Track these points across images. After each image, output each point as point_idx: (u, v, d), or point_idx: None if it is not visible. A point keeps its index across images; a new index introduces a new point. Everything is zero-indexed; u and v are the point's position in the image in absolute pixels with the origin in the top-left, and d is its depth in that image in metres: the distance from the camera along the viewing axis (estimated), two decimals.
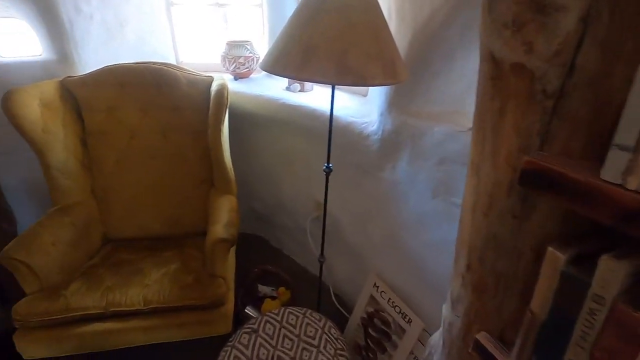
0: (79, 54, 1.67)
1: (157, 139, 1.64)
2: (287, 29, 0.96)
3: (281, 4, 1.90)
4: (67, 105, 1.52)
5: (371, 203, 1.49)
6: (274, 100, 1.70)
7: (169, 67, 1.60)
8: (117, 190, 1.63)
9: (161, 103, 1.61)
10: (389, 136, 1.30)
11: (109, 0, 1.72)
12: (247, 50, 1.93)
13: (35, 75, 1.63)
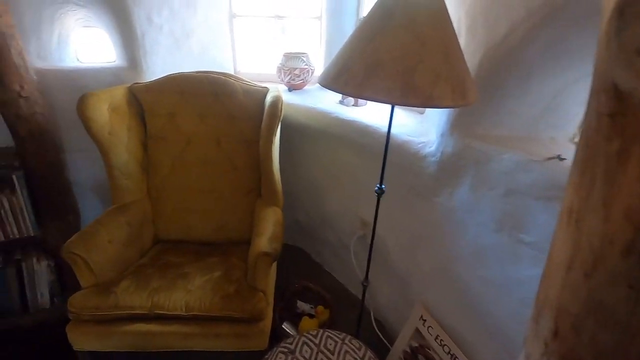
0: (147, 62, 1.77)
1: (211, 146, 1.68)
2: (350, 44, 0.92)
3: (340, 17, 1.88)
4: (133, 109, 1.61)
5: (422, 228, 1.40)
6: (326, 113, 1.67)
7: (227, 77, 1.64)
8: (170, 193, 1.69)
9: (217, 111, 1.65)
10: (449, 159, 1.21)
11: (178, 12, 1.81)
12: (303, 62, 1.93)
13: (107, 80, 1.75)
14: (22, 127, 1.52)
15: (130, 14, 1.63)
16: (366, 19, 0.92)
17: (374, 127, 1.50)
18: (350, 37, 0.95)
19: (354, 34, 0.93)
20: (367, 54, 0.85)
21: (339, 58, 0.93)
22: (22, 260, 1.69)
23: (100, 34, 1.88)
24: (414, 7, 0.84)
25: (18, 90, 1.45)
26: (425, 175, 1.33)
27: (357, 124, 1.56)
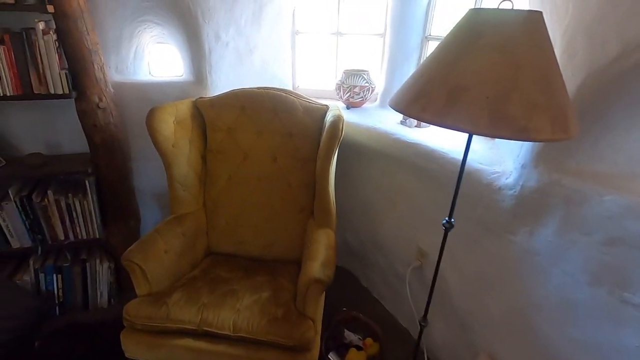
0: (212, 77, 1.82)
1: (267, 162, 1.67)
2: (428, 65, 0.84)
3: (405, 34, 1.80)
4: (195, 123, 1.65)
5: (491, 268, 1.25)
6: (387, 134, 1.59)
7: (288, 94, 1.63)
8: (225, 206, 1.70)
9: (276, 128, 1.64)
10: (530, 195, 1.06)
11: (243, 29, 1.84)
12: (364, 80, 1.87)
13: (174, 94, 1.83)
14: (97, 136, 1.62)
15: (200, 32, 1.69)
16: (448, 38, 0.83)
17: (440, 152, 1.39)
18: (428, 58, 0.87)
19: (433, 54, 0.85)
20: (450, 77, 0.76)
21: (416, 80, 0.86)
22: (87, 260, 1.79)
23: (171, 49, 1.98)
24: (507, 25, 0.74)
25: (97, 102, 1.55)
26: (498, 209, 1.19)
27: (421, 148, 1.45)
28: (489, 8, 0.79)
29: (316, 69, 2.37)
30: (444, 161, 1.37)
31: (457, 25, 0.84)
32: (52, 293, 1.77)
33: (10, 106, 1.67)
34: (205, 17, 1.68)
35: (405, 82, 0.92)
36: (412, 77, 0.89)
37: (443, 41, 0.85)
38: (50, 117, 1.74)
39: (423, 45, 1.83)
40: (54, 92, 1.47)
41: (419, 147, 1.46)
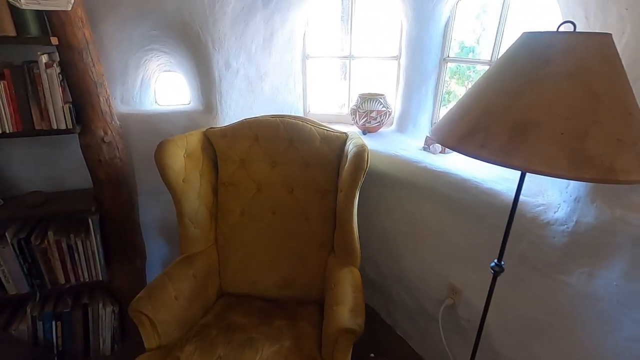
0: (221, 105, 1.74)
1: (283, 194, 1.56)
2: (482, 95, 0.75)
3: (422, 57, 1.73)
4: (206, 155, 1.55)
5: (540, 312, 1.12)
6: (412, 162, 1.49)
7: (304, 122, 1.54)
8: (238, 242, 1.58)
9: (291, 158, 1.54)
10: (588, 232, 0.95)
11: (254, 56, 1.78)
12: (380, 104, 1.79)
13: (183, 124, 1.74)
14: (102, 171, 1.52)
15: (210, 60, 1.62)
16: (503, 65, 0.74)
17: (473, 182, 1.29)
18: (479, 87, 0.77)
19: (485, 83, 0.76)
20: (514, 109, 0.67)
21: (466, 112, 0.76)
22: (89, 304, 1.65)
23: (178, 78, 1.91)
24: (577, 50, 0.65)
25: (102, 136, 1.46)
26: (547, 246, 1.07)
27: (451, 177, 1.35)
28: (550, 31, 0.70)
29: (328, 94, 2.30)
30: (478, 191, 1.27)
31: (512, 50, 0.75)
32: (51, 342, 1.62)
33: (9, 143, 1.57)
34: (215, 45, 1.61)
35: (449, 113, 0.83)
36: (459, 108, 0.80)
37: (495, 68, 0.76)
38: (51, 153, 1.64)
39: (441, 67, 1.76)
40: (56, 127, 1.37)
41: (449, 176, 1.36)
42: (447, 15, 1.66)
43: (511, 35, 1.52)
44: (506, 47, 0.78)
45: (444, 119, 0.84)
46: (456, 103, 0.85)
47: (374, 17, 2.03)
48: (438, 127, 0.84)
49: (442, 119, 0.85)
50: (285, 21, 1.79)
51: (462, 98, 0.82)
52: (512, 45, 0.76)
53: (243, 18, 1.64)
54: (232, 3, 1.57)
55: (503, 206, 1.19)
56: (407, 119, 1.85)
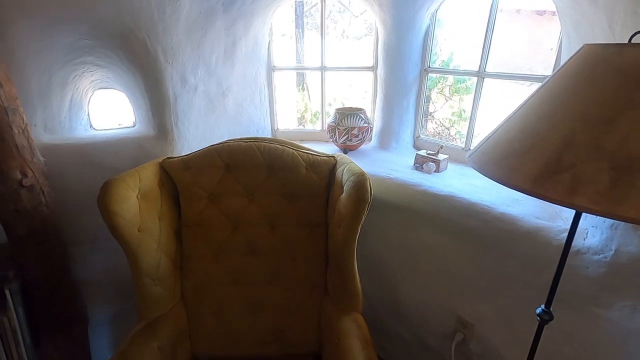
0: (178, 129, 1.45)
1: (263, 232, 1.32)
2: (553, 121, 0.60)
3: (402, 68, 1.61)
4: (165, 192, 1.26)
5: (571, 349, 1.02)
6: (409, 186, 1.33)
7: (284, 145, 1.31)
8: (210, 294, 1.30)
9: (272, 189, 1.30)
10: (631, 262, 0.86)
11: (214, 69, 1.52)
12: (362, 120, 1.63)
13: (130, 154, 1.42)
14: (22, 224, 1.15)
15: (162, 75, 1.33)
16: (574, 84, 0.60)
17: (482, 206, 1.17)
18: (541, 111, 0.62)
19: (552, 106, 0.61)
20: (610, 143, 0.52)
21: (534, 143, 0.60)
22: None
23: (118, 95, 1.58)
24: None
25: (19, 179, 1.10)
26: (578, 277, 0.97)
27: (456, 202, 1.22)
28: (632, 45, 0.57)
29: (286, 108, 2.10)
30: (489, 217, 1.14)
31: (580, 67, 0.61)
32: None
33: None
34: (168, 57, 1.33)
35: (499, 140, 0.67)
36: (516, 135, 0.64)
37: (563, 89, 0.62)
38: None
39: (422, 78, 1.65)
40: None
41: (454, 200, 1.23)
42: (427, 23, 1.55)
43: (499, 46, 1.45)
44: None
45: (492, 146, 0.68)
46: (504, 127, 0.69)
47: (344, 25, 1.89)
48: (485, 157, 0.68)
49: (487, 145, 0.70)
50: (249, 28, 1.56)
51: (516, 121, 0.67)
52: (575, 61, 0.63)
53: (201, 25, 1.38)
54: (187, 7, 1.31)
55: (520, 233, 1.08)
56: (389, 135, 1.71)
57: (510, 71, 1.44)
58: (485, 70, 1.43)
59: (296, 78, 3.65)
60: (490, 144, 0.69)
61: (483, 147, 0.71)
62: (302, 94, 3.65)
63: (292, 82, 3.03)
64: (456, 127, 4.00)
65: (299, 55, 3.49)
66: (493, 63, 1.45)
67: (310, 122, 3.79)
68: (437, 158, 1.44)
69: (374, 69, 1.75)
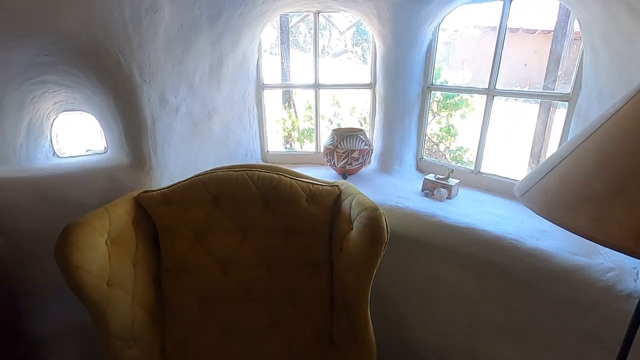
0: (157, 156, 1.26)
1: (258, 273, 1.14)
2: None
3: (404, 85, 1.49)
4: (141, 233, 1.07)
5: None
6: (423, 216, 1.19)
7: (280, 173, 1.15)
8: (196, 350, 1.10)
9: (268, 224, 1.14)
10: None
11: (198, 88, 1.35)
12: (362, 142, 1.49)
13: (99, 186, 1.22)
14: None
15: (138, 95, 1.16)
16: None
17: (508, 240, 1.04)
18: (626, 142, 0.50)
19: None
20: None
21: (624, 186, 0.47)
22: None
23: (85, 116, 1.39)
24: None
25: None
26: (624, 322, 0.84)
27: (478, 235, 1.08)
28: None
29: (278, 128, 1.95)
30: (517, 253, 1.01)
31: None
32: None
33: None
34: (145, 75, 1.16)
35: (571, 178, 0.54)
36: (596, 178, 0.51)
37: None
38: None
39: (425, 96, 1.54)
40: None
41: (475, 233, 1.09)
42: (429, 37, 1.45)
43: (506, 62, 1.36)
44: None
45: (558, 186, 0.55)
46: (567, 160, 0.56)
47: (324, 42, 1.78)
48: (550, 198, 0.54)
49: (547, 183, 0.56)
50: (237, 43, 1.41)
51: (587, 155, 0.54)
52: None
53: (182, 39, 1.22)
54: (167, 19, 1.15)
55: (556, 271, 0.95)
56: (391, 157, 1.58)
57: (504, 87, 1.35)
58: (496, 87, 1.33)
59: (282, 95, 3.52)
60: (554, 182, 0.56)
61: (542, 186, 0.58)
62: (288, 111, 3.51)
63: (277, 99, 2.88)
64: (444, 143, 3.95)
65: (285, 73, 3.37)
66: (482, 81, 1.35)
67: (298, 141, 3.64)
68: (448, 183, 1.32)
69: (372, 87, 1.63)
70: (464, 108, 3.60)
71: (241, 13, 1.32)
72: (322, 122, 3.74)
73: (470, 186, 1.44)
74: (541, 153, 2.76)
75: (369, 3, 1.37)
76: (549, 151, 2.89)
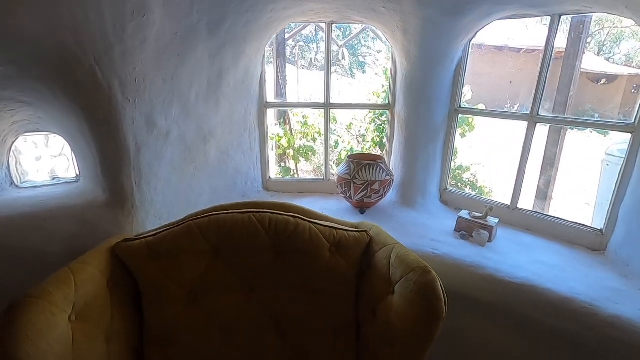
0: (142, 190, 1.03)
1: (268, 341, 0.91)
2: None
3: (429, 108, 1.32)
4: (118, 297, 0.82)
5: None
6: (465, 266, 1.00)
7: (297, 217, 0.93)
8: None
9: (280, 279, 0.91)
10: None
11: (194, 108, 1.13)
12: (383, 172, 1.29)
13: (67, 231, 0.97)
14: None
15: (119, 118, 0.92)
16: None
17: (579, 304, 0.85)
18: None
19: None
20: None
21: None
22: None
23: (56, 140, 1.14)
24: None
25: None
26: None
27: (536, 294, 0.90)
28: None
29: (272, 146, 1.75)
30: (593, 321, 0.83)
31: None
32: None
33: None
34: (128, 93, 0.93)
35: None
36: None
37: None
38: None
39: (452, 119, 1.37)
40: None
41: (533, 292, 0.90)
42: (459, 55, 1.28)
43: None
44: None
45: None
46: None
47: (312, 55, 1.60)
48: None
49: None
50: (239, 57, 1.20)
51: None
52: None
53: (176, 50, 1.00)
54: (157, 24, 0.93)
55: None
56: (413, 188, 1.39)
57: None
58: (539, 113, 1.16)
59: (276, 111, 3.32)
60: None
61: None
62: (283, 128, 3.30)
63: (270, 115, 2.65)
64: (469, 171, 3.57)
65: (281, 88, 3.17)
66: (484, 100, 1.18)
67: (293, 159, 3.43)
68: (488, 223, 1.13)
69: (390, 107, 1.45)
70: (465, 126, 3.49)
71: (246, 22, 1.12)
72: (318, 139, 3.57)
73: (506, 224, 1.26)
74: (551, 180, 2.63)
75: (394, 15, 1.20)
76: (558, 179, 2.74)
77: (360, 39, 8.16)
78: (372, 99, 3.09)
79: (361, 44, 8.48)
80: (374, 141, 3.05)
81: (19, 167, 1.17)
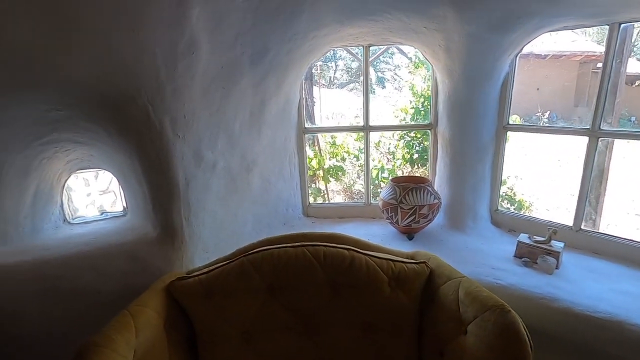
0: (191, 225, 1.02)
1: None
2: None
3: (476, 126, 1.26)
4: (174, 340, 0.80)
5: None
6: (533, 298, 0.91)
7: (352, 249, 0.89)
8: None
9: (338, 317, 0.86)
10: None
11: (238, 138, 1.13)
12: (431, 195, 1.24)
13: (119, 269, 0.96)
14: None
15: (170, 154, 0.93)
16: None
17: None
18: None
19: None
20: None
21: None
22: None
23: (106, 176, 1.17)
24: None
25: None
26: None
27: (626, 331, 0.80)
28: None
29: None
30: None
31: None
32: None
33: None
34: (178, 129, 0.93)
35: None
36: None
37: None
38: None
39: (500, 137, 1.30)
40: None
41: (619, 328, 0.80)
42: (506, 70, 1.23)
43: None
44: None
45: None
46: None
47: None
48: None
49: None
50: (281, 85, 1.20)
51: None
52: None
53: (222, 83, 1.01)
54: (204, 60, 0.94)
55: None
56: (462, 210, 1.32)
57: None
58: (601, 127, 1.08)
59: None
60: None
61: None
62: (313, 149, 3.30)
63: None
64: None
65: (309, 110, 3.19)
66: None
67: (323, 180, 3.40)
68: (552, 248, 1.04)
69: (432, 127, 1.40)
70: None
71: (289, 50, 1.12)
72: (347, 158, 3.54)
73: (569, 247, 1.16)
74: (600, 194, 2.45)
75: (435, 34, 1.17)
76: (608, 192, 2.54)
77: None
78: (399, 115, 3.05)
79: (379, 59, 8.53)
80: (404, 158, 2.98)
81: (71, 204, 1.20)
